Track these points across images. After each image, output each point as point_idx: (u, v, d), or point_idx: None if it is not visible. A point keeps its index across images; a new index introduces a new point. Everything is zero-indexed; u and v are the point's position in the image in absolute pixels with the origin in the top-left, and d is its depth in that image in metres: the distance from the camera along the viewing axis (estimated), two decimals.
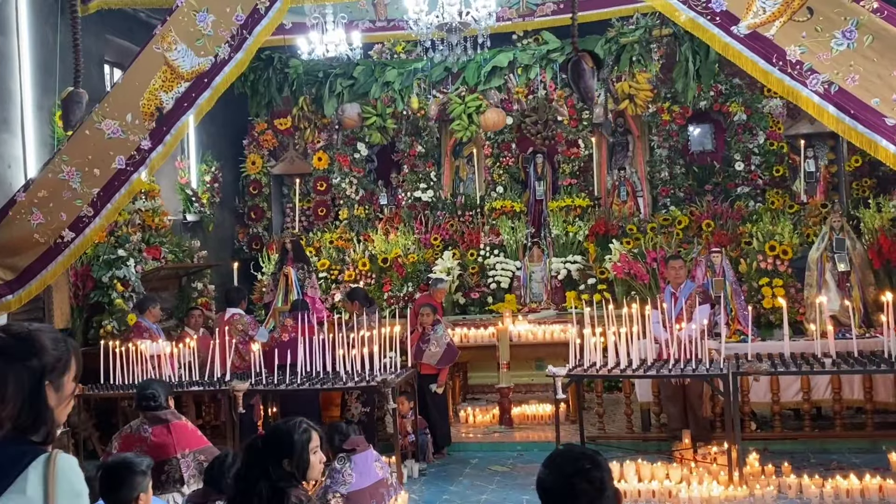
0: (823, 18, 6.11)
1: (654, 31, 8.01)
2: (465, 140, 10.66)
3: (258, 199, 12.95)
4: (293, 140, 12.78)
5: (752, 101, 11.14)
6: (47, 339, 2.18)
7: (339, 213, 12.58)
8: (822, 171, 11.44)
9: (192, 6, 7.43)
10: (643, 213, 11.69)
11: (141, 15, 10.96)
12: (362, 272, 11.53)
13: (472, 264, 11.48)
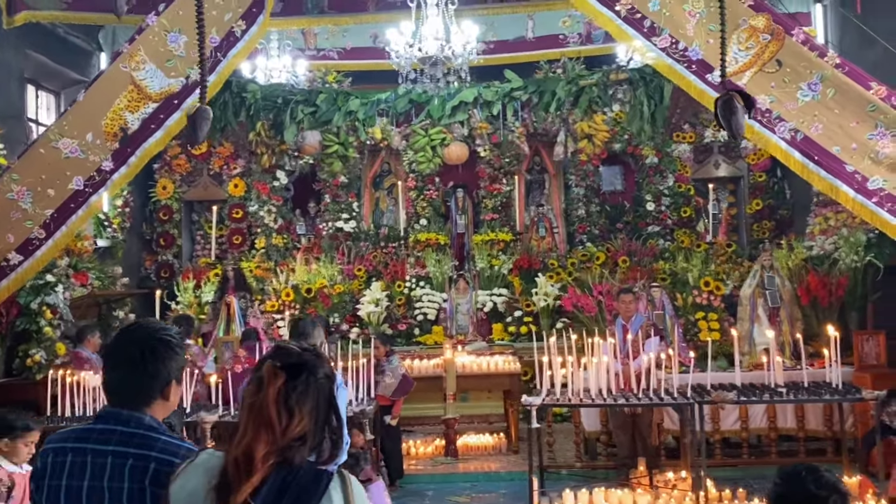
0: (791, 71, 6.68)
1: (611, 76, 8.45)
2: (427, 172, 10.76)
3: (168, 226, 12.48)
4: (207, 165, 12.46)
5: (663, 145, 11.85)
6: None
7: (256, 241, 12.30)
8: (723, 213, 12.28)
9: (164, 26, 7.22)
10: (560, 249, 12.12)
11: (59, 31, 10.45)
12: (286, 302, 11.31)
13: (399, 296, 11.52)
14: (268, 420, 2.04)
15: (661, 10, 6.86)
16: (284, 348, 2.20)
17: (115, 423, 2.32)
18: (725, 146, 12.21)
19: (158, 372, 2.35)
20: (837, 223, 9.21)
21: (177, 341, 2.43)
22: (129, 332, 2.46)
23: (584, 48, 11.02)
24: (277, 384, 2.08)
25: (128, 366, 2.35)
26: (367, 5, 9.51)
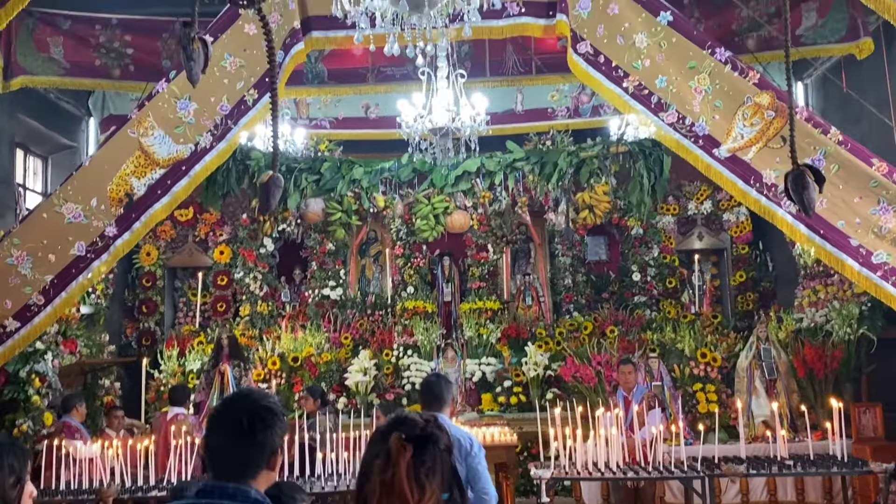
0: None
1: (610, 148, 8.62)
2: (430, 240, 10.78)
3: (151, 293, 12.27)
4: (193, 232, 12.36)
5: (648, 216, 12.03)
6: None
7: (241, 309, 12.14)
8: (707, 284, 12.44)
9: (174, 93, 7.20)
10: (546, 319, 12.13)
11: (50, 96, 10.39)
12: (272, 371, 11.12)
13: (387, 365, 11.40)
14: (401, 495, 2.01)
15: (667, 86, 7.03)
16: (409, 419, 2.16)
17: (220, 496, 2.25)
18: (707, 219, 12.45)
19: (266, 441, 2.31)
20: (827, 295, 9.37)
21: (280, 409, 2.38)
22: (235, 402, 2.41)
23: (572, 121, 11.22)
24: (406, 458, 2.05)
25: (235, 436, 2.29)
26: (366, 77, 9.63)
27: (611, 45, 7.14)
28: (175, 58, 9.40)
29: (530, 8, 7.35)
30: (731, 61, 6.98)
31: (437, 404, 4.68)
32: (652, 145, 8.48)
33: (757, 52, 9.10)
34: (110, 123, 10.87)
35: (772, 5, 9.27)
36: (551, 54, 9.94)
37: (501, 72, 9.87)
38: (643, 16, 7.13)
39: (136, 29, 9.51)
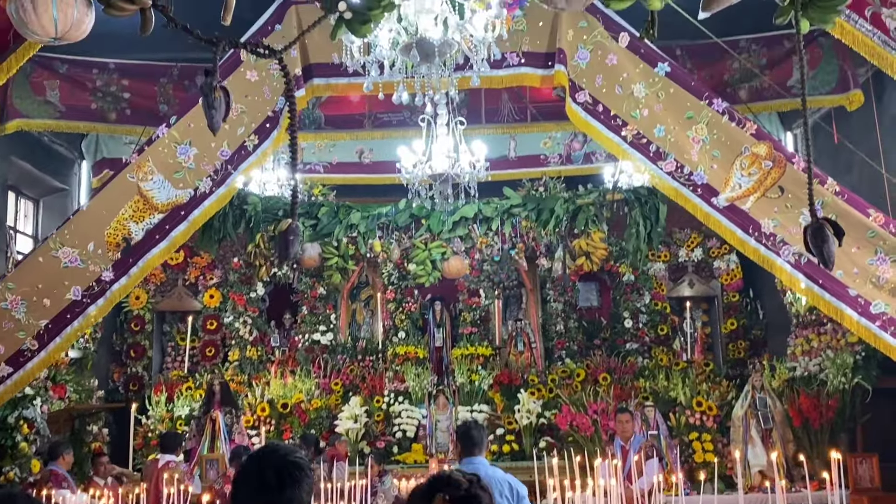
0: (792, 196, 6.93)
1: (606, 195, 8.69)
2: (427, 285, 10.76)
3: (140, 337, 12.13)
4: (183, 275, 12.28)
5: (634, 262, 12.05)
6: None
7: (230, 354, 12.02)
8: (698, 332, 12.45)
9: (175, 138, 7.20)
10: (538, 365, 12.08)
11: (44, 139, 10.37)
12: (261, 418, 10.97)
13: (378, 411, 11.27)
14: None
15: (666, 135, 7.11)
16: (452, 480, 2.13)
17: None
18: (698, 266, 12.51)
19: (294, 498, 2.27)
20: (821, 344, 9.39)
21: (307, 464, 2.35)
22: (263, 457, 2.36)
23: (564, 168, 11.33)
24: None
25: (263, 492, 2.25)
26: (362, 123, 9.68)
27: (609, 94, 7.22)
28: (172, 102, 9.44)
29: (529, 58, 7.43)
30: (729, 112, 7.07)
31: (476, 449, 4.99)
32: (647, 193, 8.56)
33: (749, 102, 9.23)
34: (103, 166, 10.85)
35: (763, 57, 9.44)
36: (546, 102, 10.07)
37: (497, 119, 9.97)
38: (641, 66, 7.23)
39: (133, 73, 9.54)
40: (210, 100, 3.15)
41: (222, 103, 3.22)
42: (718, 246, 12.08)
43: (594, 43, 7.31)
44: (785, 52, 9.33)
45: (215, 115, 3.20)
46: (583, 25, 7.32)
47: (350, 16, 3.26)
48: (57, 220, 10.60)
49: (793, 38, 9.31)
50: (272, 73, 7.28)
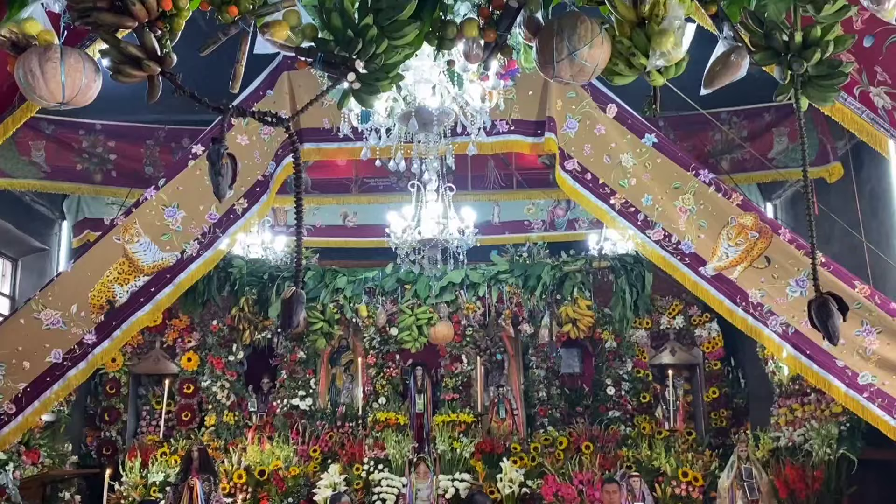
0: (779, 267, 6.99)
1: (593, 263, 8.73)
2: (413, 351, 10.66)
3: (115, 400, 11.88)
4: (161, 338, 12.10)
5: (620, 329, 12.06)
6: None
7: (206, 418, 11.79)
8: (680, 400, 12.41)
9: (162, 200, 7.17)
10: (520, 433, 11.94)
11: (26, 198, 10.29)
12: (238, 485, 10.72)
13: (357, 480, 11.05)
14: None
15: (653, 204, 7.18)
16: None
17: None
18: (679, 334, 12.52)
19: None
20: (804, 414, 9.38)
21: None
22: None
23: (548, 234, 11.41)
24: None
25: None
26: (349, 188, 9.71)
27: (598, 163, 7.31)
28: (158, 164, 9.42)
29: (519, 126, 7.53)
30: (715, 183, 7.17)
31: None
32: (633, 261, 8.62)
33: (731, 173, 9.38)
34: (84, 227, 10.76)
35: (744, 129, 9.62)
36: (531, 170, 10.17)
37: (483, 185, 10.04)
38: (629, 137, 7.34)
39: (120, 135, 9.54)
40: (217, 167, 3.13)
41: (229, 170, 3.20)
42: (700, 313, 12.12)
43: (582, 113, 7.42)
44: (765, 125, 9.53)
45: (222, 182, 3.17)
46: (571, 96, 7.44)
47: (359, 86, 3.27)
48: (35, 281, 10.46)
49: (772, 110, 9.57)
50: (263, 138, 7.31)
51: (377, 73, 3.29)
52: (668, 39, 3.16)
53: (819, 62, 3.18)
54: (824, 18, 3.18)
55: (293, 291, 3.28)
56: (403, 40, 3.27)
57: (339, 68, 3.20)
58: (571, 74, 3.29)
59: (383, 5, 3.21)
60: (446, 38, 3.36)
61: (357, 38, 3.17)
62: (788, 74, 3.23)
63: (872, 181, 9.02)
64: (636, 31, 3.24)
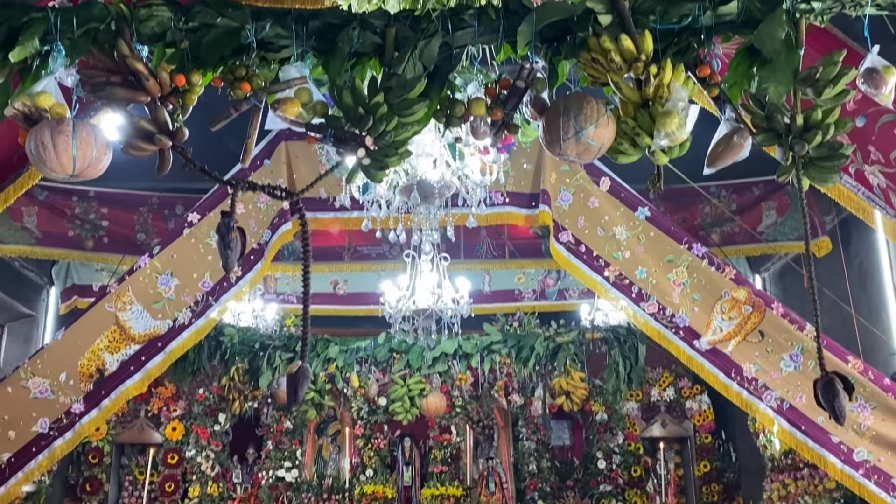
0: (773, 342, 6.99)
1: (586, 334, 8.72)
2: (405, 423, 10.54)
3: (97, 470, 11.63)
4: (146, 406, 11.92)
5: (612, 401, 12.00)
6: None
7: (190, 489, 11.54)
8: (671, 473, 12.28)
9: (156, 268, 7.14)
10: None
11: (15, 264, 10.24)
12: None
13: None
14: None
15: (647, 277, 7.21)
16: None
17: None
18: (670, 406, 12.46)
19: None
20: (798, 490, 9.31)
21: None
22: None
23: (539, 304, 11.41)
24: None
25: None
26: (341, 255, 9.72)
27: (592, 235, 7.36)
28: (150, 231, 9.42)
29: (514, 198, 7.60)
30: (708, 257, 7.22)
31: None
32: (626, 333, 8.61)
33: (722, 246, 9.47)
34: (72, 293, 10.68)
35: (733, 202, 9.75)
36: (523, 240, 10.22)
37: (475, 255, 10.08)
38: (622, 210, 7.41)
39: (113, 202, 9.55)
40: (227, 240, 3.14)
41: (238, 244, 3.20)
42: (690, 385, 12.09)
43: (576, 186, 7.50)
44: (755, 199, 9.66)
45: (231, 256, 3.17)
46: (565, 169, 7.53)
47: (368, 161, 3.31)
48: (21, 347, 10.33)
49: (761, 185, 9.72)
50: (259, 207, 7.33)
51: (386, 150, 3.33)
52: (673, 120, 3.22)
53: (820, 144, 3.24)
54: (824, 102, 3.25)
55: (299, 366, 3.26)
56: (412, 118, 3.32)
57: (349, 144, 3.24)
58: (577, 153, 3.34)
59: (393, 84, 3.27)
60: (454, 116, 3.41)
61: (367, 115, 3.22)
62: (790, 156, 3.29)
63: (861, 255, 9.12)
64: (640, 111, 3.30)
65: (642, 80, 3.18)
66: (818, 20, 3.23)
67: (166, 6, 3.18)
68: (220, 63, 3.17)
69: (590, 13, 3.17)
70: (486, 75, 4.30)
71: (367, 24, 3.24)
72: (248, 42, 3.15)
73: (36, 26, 3.08)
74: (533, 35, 3.19)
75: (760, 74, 3.11)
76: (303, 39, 3.26)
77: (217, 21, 3.15)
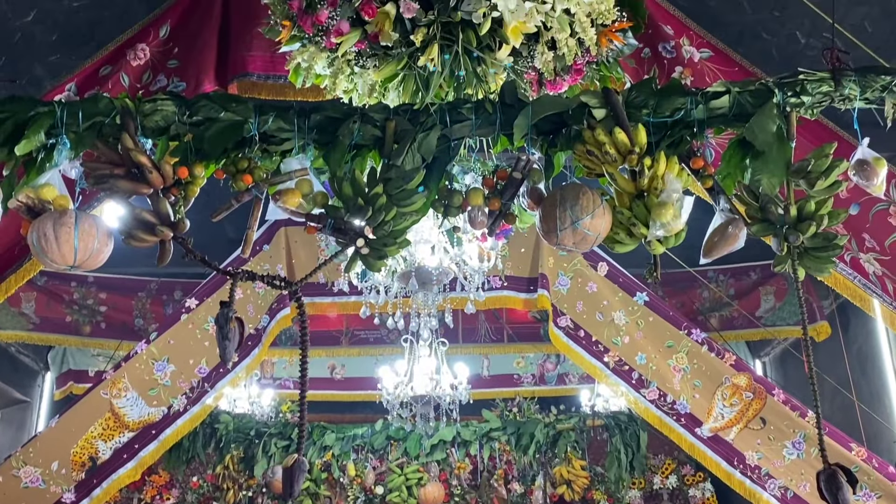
0: (775, 429, 6.94)
1: (587, 421, 8.63)
2: None
3: None
4: (139, 495, 11.67)
5: (615, 490, 11.76)
6: None
7: None
8: None
9: (153, 354, 7.13)
10: None
11: (10, 349, 10.17)
12: None
13: None
14: None
15: (647, 363, 7.19)
16: None
17: None
18: (673, 494, 12.21)
19: None
20: None
21: None
22: None
23: (538, 388, 11.32)
24: None
25: None
26: (339, 340, 9.69)
27: (590, 320, 7.36)
28: (148, 317, 9.41)
29: (512, 282, 7.63)
30: (708, 342, 7.22)
31: None
32: (627, 419, 8.52)
33: (721, 330, 9.45)
34: (68, 379, 10.60)
35: (731, 287, 9.77)
36: (522, 324, 10.21)
37: (474, 339, 10.05)
38: (620, 295, 7.44)
39: (112, 287, 9.56)
40: (225, 331, 3.13)
41: (236, 334, 3.20)
42: (693, 473, 11.87)
43: (574, 270, 7.54)
44: (752, 284, 9.69)
45: (228, 346, 3.16)
46: (563, 254, 7.58)
47: (367, 251, 3.33)
48: (14, 434, 10.19)
49: (758, 269, 9.75)
50: (257, 292, 7.35)
51: (385, 239, 3.35)
52: (668, 211, 3.25)
53: (814, 235, 3.27)
54: (817, 193, 3.29)
55: (295, 459, 3.22)
56: (411, 208, 3.36)
57: (348, 234, 3.26)
58: (574, 243, 3.36)
59: (392, 175, 3.31)
60: (452, 205, 3.45)
61: (367, 205, 3.25)
62: (785, 246, 3.31)
63: (860, 340, 9.09)
64: (636, 202, 3.34)
65: (637, 171, 3.23)
66: (808, 113, 3.30)
67: (171, 101, 3.24)
68: (222, 155, 3.21)
69: (584, 107, 3.24)
70: (483, 165, 4.37)
71: (368, 117, 3.30)
72: (251, 135, 3.20)
73: (42, 120, 3.14)
74: (529, 128, 3.24)
75: (753, 166, 3.16)
76: (304, 132, 3.31)
77: (221, 115, 3.21)
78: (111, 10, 6.35)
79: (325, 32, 3.46)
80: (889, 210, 4.89)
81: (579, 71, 3.73)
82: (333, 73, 3.67)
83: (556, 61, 3.61)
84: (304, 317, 3.42)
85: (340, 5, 3.39)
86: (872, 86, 3.27)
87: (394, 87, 3.68)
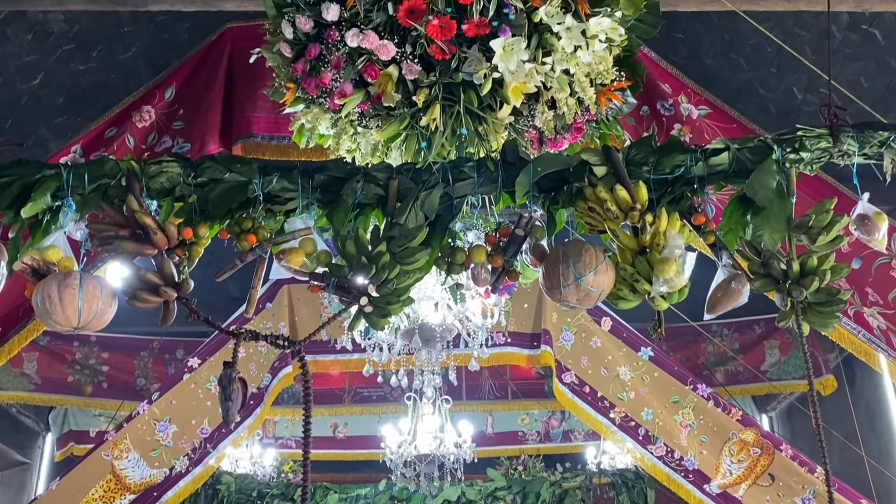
0: (784, 485, 6.84)
1: (593, 479, 8.52)
2: None
3: None
4: None
5: None
6: None
7: None
8: None
9: (155, 415, 7.08)
10: None
11: (12, 410, 10.11)
12: None
13: None
14: None
15: (654, 419, 7.12)
16: None
17: None
18: None
19: None
20: None
21: None
22: None
23: (543, 445, 11.21)
24: None
25: None
26: (342, 398, 9.62)
27: (595, 376, 7.32)
28: (150, 376, 9.36)
29: (515, 338, 7.60)
30: (714, 397, 7.16)
31: None
32: (634, 477, 8.42)
33: (726, 385, 9.38)
34: (69, 439, 10.50)
35: (736, 341, 9.73)
36: (526, 380, 10.15)
37: (477, 396, 9.98)
38: (625, 350, 7.40)
39: (114, 346, 9.54)
40: (228, 391, 3.11)
41: (239, 394, 3.17)
42: None
43: (578, 325, 7.52)
44: (757, 337, 9.65)
45: (231, 408, 3.14)
46: (566, 309, 7.55)
47: (370, 309, 3.33)
48: (13, 497, 10.06)
49: (762, 323, 9.72)
50: (260, 350, 7.33)
51: (389, 297, 3.35)
52: (671, 267, 3.25)
53: (817, 290, 3.27)
54: (819, 248, 3.30)
55: None
56: (414, 265, 3.36)
57: (352, 292, 3.26)
58: (578, 299, 3.36)
59: (395, 233, 3.32)
60: (455, 263, 3.46)
61: (370, 263, 3.26)
62: (788, 301, 3.30)
63: (867, 395, 9.02)
64: (638, 258, 3.34)
65: (639, 228, 3.24)
66: (808, 169, 3.32)
67: (176, 162, 3.27)
68: (227, 216, 3.23)
69: (585, 164, 3.26)
70: (486, 222, 4.39)
71: (371, 176, 3.33)
72: (255, 195, 3.22)
73: (48, 182, 3.16)
74: (530, 185, 3.26)
75: (754, 222, 3.17)
76: (308, 192, 3.33)
77: (225, 176, 3.23)
78: (117, 73, 6.47)
79: (328, 94, 3.50)
80: (891, 264, 4.89)
81: (579, 129, 3.77)
82: (337, 133, 3.71)
83: (556, 120, 3.65)
84: (307, 376, 3.40)
85: (344, 68, 3.43)
86: (870, 141, 3.29)
87: (396, 146, 3.72)
